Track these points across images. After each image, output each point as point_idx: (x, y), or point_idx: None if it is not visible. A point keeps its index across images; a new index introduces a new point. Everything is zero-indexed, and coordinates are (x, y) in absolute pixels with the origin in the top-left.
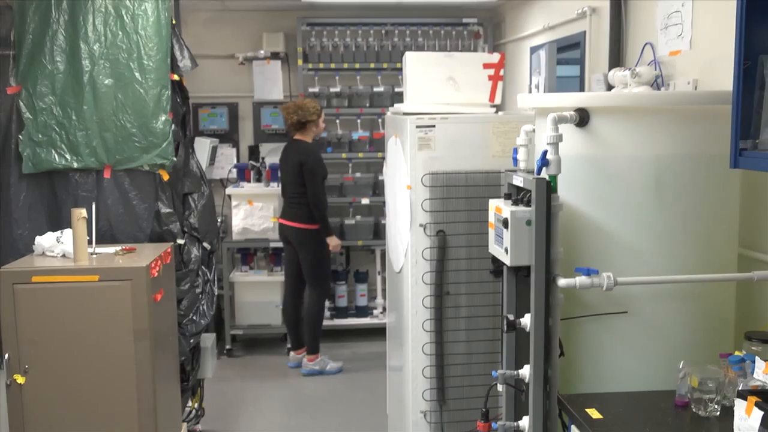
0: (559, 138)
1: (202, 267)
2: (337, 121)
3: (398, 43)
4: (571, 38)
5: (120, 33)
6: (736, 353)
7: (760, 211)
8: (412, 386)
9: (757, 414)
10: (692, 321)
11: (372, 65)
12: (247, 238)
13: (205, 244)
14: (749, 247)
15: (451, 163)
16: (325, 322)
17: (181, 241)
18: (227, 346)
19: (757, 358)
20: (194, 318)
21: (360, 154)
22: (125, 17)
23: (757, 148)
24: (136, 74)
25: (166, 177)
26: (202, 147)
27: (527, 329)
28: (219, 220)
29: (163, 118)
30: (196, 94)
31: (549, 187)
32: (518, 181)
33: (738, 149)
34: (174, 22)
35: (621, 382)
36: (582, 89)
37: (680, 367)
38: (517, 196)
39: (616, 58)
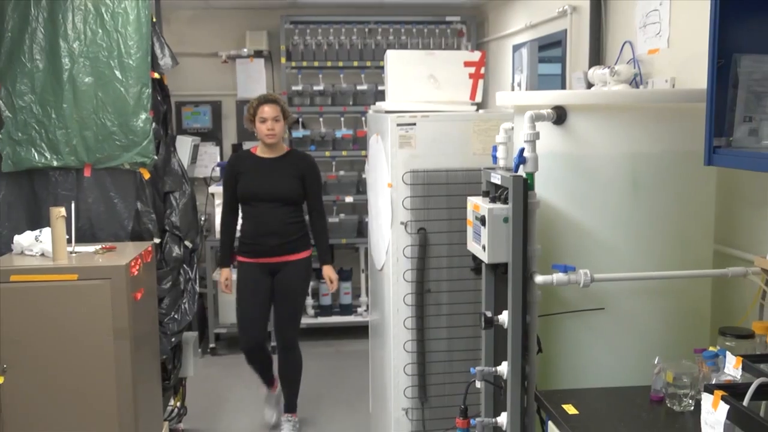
0: (536, 136)
1: (184, 265)
2: (321, 119)
3: (381, 42)
4: (553, 36)
5: (100, 31)
6: (710, 348)
7: (735, 208)
8: (393, 384)
9: (723, 408)
10: (669, 317)
11: (355, 63)
12: None
13: (187, 243)
14: (725, 244)
15: (432, 161)
16: (310, 320)
17: (157, 240)
18: (211, 345)
19: (728, 353)
20: (176, 316)
21: (344, 152)
22: (105, 15)
23: (731, 146)
24: (117, 72)
25: (147, 175)
26: (184, 145)
27: (505, 326)
28: (202, 218)
29: (144, 117)
30: (179, 93)
31: (526, 185)
32: (496, 178)
33: (712, 147)
34: (154, 20)
35: (598, 378)
36: (564, 87)
37: (655, 362)
38: (495, 193)
39: (596, 56)
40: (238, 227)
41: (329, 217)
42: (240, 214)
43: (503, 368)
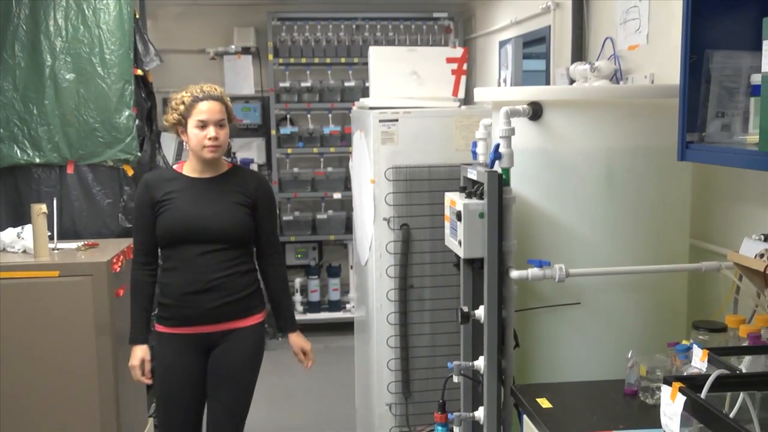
0: (512, 131)
1: None
2: (308, 116)
3: (369, 38)
4: (537, 33)
5: (81, 27)
6: (683, 342)
7: (711, 203)
8: (377, 379)
9: (681, 399)
10: (644, 311)
11: (343, 60)
12: None
13: None
14: (701, 239)
15: (415, 157)
16: (298, 317)
17: None
18: None
19: (695, 345)
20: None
21: (331, 149)
22: (87, 11)
23: (703, 141)
24: (99, 69)
25: (130, 172)
26: (169, 142)
27: (482, 321)
28: None
29: (127, 113)
30: (167, 89)
31: (501, 180)
32: (472, 174)
33: (685, 142)
34: (137, 16)
35: (575, 372)
36: (548, 83)
37: (629, 356)
38: (472, 189)
39: (579, 53)
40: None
41: (318, 213)
42: (160, 264)
43: (480, 363)
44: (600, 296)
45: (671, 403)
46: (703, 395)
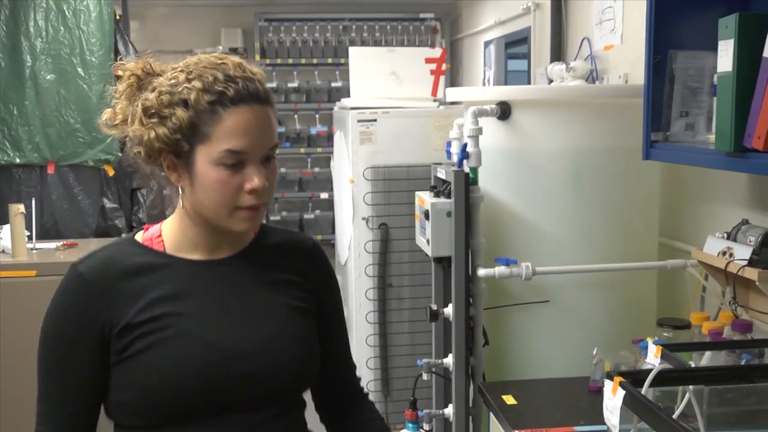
0: (479, 131)
1: None
2: (296, 116)
3: (356, 39)
4: (520, 33)
5: (62, 28)
6: (648, 339)
7: (680, 201)
8: None
9: (621, 393)
10: (613, 309)
11: (330, 60)
12: None
13: None
14: (670, 237)
15: (393, 157)
16: None
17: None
18: None
19: (649, 342)
20: None
21: (319, 149)
22: (67, 12)
23: (668, 140)
24: (79, 70)
25: (111, 172)
26: None
27: (451, 319)
28: None
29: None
30: None
31: (468, 179)
32: (441, 173)
33: (650, 141)
34: (118, 17)
35: (544, 369)
36: (530, 83)
37: (594, 353)
38: (441, 188)
39: (558, 52)
40: None
41: (305, 213)
42: None
43: (449, 360)
44: (569, 294)
45: (612, 398)
46: (644, 390)
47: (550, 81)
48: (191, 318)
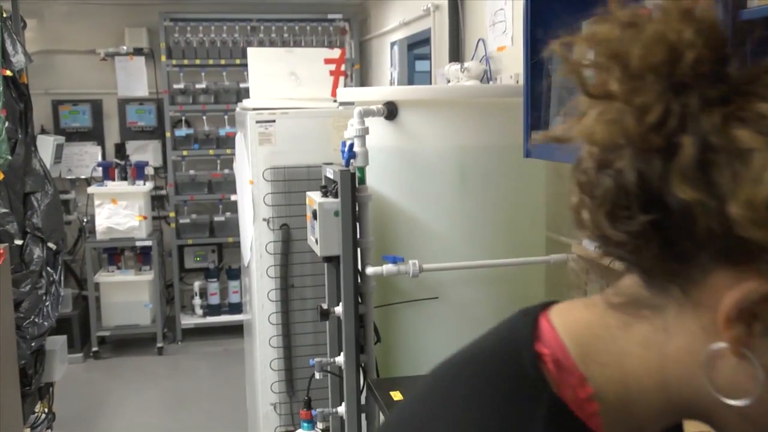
0: (366, 131)
1: (47, 268)
2: (204, 117)
3: (264, 39)
4: (423, 34)
5: None
6: None
7: (564, 198)
8: (260, 379)
9: None
10: (501, 304)
11: (238, 61)
12: (112, 238)
13: (50, 245)
14: (558, 232)
15: (293, 158)
16: (198, 320)
17: (19, 242)
18: (94, 348)
19: None
20: (36, 320)
21: (228, 151)
22: None
23: None
24: None
25: (0, 176)
26: (46, 145)
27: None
28: (84, 219)
29: None
30: (56, 91)
31: (354, 179)
32: (329, 173)
33: (529, 140)
34: (5, 15)
35: (435, 365)
36: (431, 83)
37: None
38: (330, 188)
39: (456, 53)
40: None
41: (216, 215)
42: None
43: (341, 359)
44: (457, 290)
45: None
46: None
47: (448, 81)
48: None
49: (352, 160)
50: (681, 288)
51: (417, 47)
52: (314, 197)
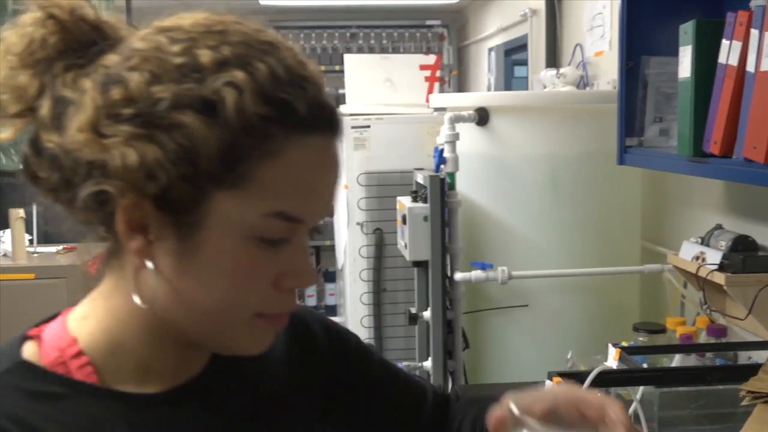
0: (456, 137)
1: None
2: None
3: (363, 46)
4: (519, 40)
5: None
6: (623, 343)
7: (662, 205)
8: None
9: None
10: (593, 313)
11: (337, 68)
12: None
13: None
14: (654, 241)
15: (387, 163)
16: None
17: None
18: None
19: (609, 345)
20: None
21: None
22: None
23: (642, 146)
24: None
25: None
26: None
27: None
28: None
29: None
30: None
31: (444, 184)
32: (420, 178)
33: (624, 147)
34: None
35: (524, 373)
36: (527, 89)
37: (568, 357)
38: (421, 193)
39: (553, 59)
40: None
41: None
42: None
43: (429, 364)
44: (548, 298)
45: None
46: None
47: (544, 87)
48: None
49: (442, 166)
50: (104, 227)
51: (515, 53)
52: (404, 202)
